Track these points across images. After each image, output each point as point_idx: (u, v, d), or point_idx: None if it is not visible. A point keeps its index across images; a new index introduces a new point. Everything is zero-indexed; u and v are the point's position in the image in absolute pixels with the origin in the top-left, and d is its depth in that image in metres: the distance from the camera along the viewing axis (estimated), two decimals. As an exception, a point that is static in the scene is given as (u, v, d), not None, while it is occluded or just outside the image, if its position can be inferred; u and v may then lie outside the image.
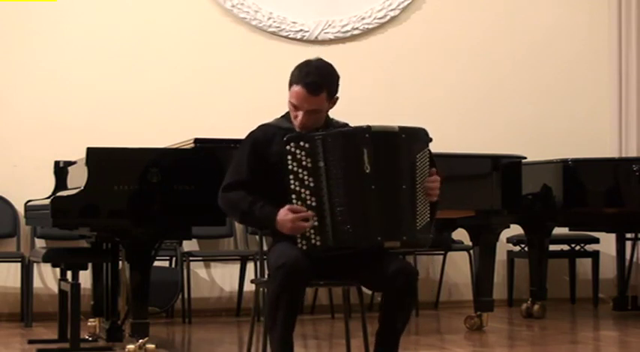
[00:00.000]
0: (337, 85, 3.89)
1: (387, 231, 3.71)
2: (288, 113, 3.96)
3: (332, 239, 3.70)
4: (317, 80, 3.80)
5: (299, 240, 3.70)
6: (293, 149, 3.71)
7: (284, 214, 3.71)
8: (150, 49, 7.25)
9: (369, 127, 3.74)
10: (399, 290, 3.69)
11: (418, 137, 3.82)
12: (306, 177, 3.71)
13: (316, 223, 3.69)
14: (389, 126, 3.77)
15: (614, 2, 8.17)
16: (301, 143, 3.72)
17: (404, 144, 3.76)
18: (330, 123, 3.96)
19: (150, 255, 4.85)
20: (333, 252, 3.72)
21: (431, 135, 3.91)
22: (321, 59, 3.91)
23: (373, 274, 3.76)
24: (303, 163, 3.70)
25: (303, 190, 3.71)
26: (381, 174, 3.71)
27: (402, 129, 3.78)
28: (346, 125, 3.97)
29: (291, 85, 3.85)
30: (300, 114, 3.82)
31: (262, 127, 3.98)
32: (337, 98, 3.91)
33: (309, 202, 3.70)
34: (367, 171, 3.70)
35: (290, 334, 3.67)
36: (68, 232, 5.57)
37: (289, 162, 3.72)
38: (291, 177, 3.72)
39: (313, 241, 3.70)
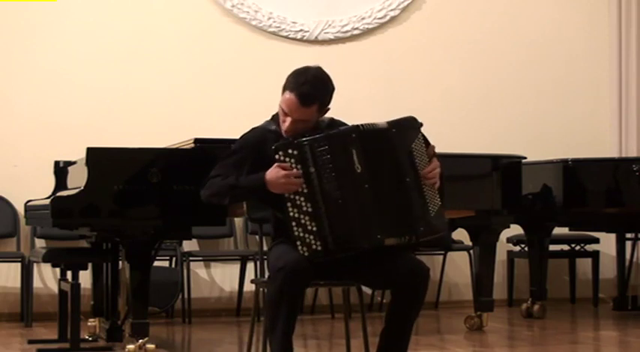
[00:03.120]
0: (330, 97, 3.87)
1: (387, 228, 3.70)
2: (276, 115, 3.96)
3: (332, 242, 3.68)
4: (311, 92, 3.77)
5: (300, 247, 3.68)
6: (282, 157, 3.71)
7: (275, 172, 3.70)
8: (150, 49, 7.25)
9: (355, 127, 3.73)
10: (411, 288, 3.69)
11: (408, 126, 3.80)
12: None
13: (315, 228, 3.68)
14: (377, 124, 3.75)
15: (614, 2, 8.18)
16: (289, 150, 3.71)
17: (396, 138, 3.74)
18: (316, 124, 3.92)
19: (150, 255, 4.85)
20: (336, 255, 3.71)
21: (431, 135, 3.89)
22: (320, 68, 3.88)
23: (382, 272, 3.75)
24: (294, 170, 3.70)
25: (297, 197, 3.70)
26: (374, 172, 3.71)
27: (391, 123, 3.76)
28: (332, 121, 3.96)
29: (284, 90, 3.83)
30: (288, 120, 3.81)
31: (253, 131, 3.98)
32: (328, 109, 3.90)
33: (304, 208, 3.69)
34: (358, 170, 3.70)
35: (290, 336, 3.67)
36: (68, 232, 5.56)
37: None
38: None
39: (314, 246, 3.68)
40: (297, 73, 3.83)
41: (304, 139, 3.74)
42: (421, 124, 3.82)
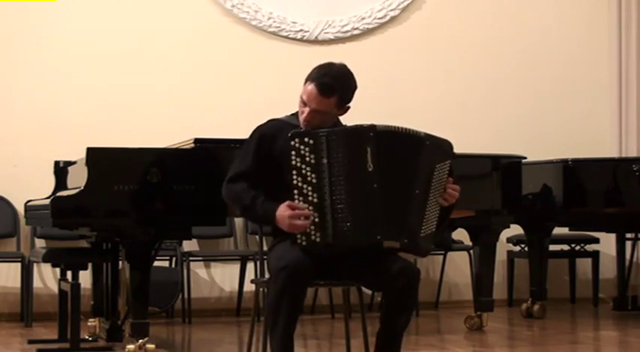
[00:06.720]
0: (351, 94, 3.90)
1: (387, 231, 3.71)
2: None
3: (331, 235, 3.70)
4: (331, 83, 3.82)
5: (298, 236, 3.70)
6: (297, 145, 3.73)
7: (283, 210, 3.71)
8: (150, 49, 7.25)
9: (373, 126, 3.75)
10: (400, 290, 3.69)
11: (442, 147, 3.84)
12: (308, 173, 3.72)
13: (317, 220, 3.70)
14: (412, 130, 3.79)
15: (614, 2, 8.18)
16: (306, 139, 3.73)
17: (426, 150, 3.77)
18: (338, 125, 3.97)
19: (150, 255, 4.85)
20: (333, 249, 3.73)
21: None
22: (344, 65, 3.93)
23: (374, 274, 3.76)
24: (307, 159, 3.72)
25: (305, 186, 3.72)
26: (386, 173, 3.71)
27: (428, 135, 3.80)
28: None
29: (306, 81, 3.88)
30: (307, 110, 3.84)
31: (271, 122, 4.00)
32: (349, 107, 3.92)
33: (310, 198, 3.71)
34: (370, 169, 3.71)
35: (291, 336, 3.68)
36: (68, 232, 5.57)
37: (293, 157, 3.73)
38: (294, 172, 3.73)
39: (313, 237, 3.70)
40: (321, 66, 3.90)
41: (322, 130, 3.76)
42: (454, 155, 3.86)
